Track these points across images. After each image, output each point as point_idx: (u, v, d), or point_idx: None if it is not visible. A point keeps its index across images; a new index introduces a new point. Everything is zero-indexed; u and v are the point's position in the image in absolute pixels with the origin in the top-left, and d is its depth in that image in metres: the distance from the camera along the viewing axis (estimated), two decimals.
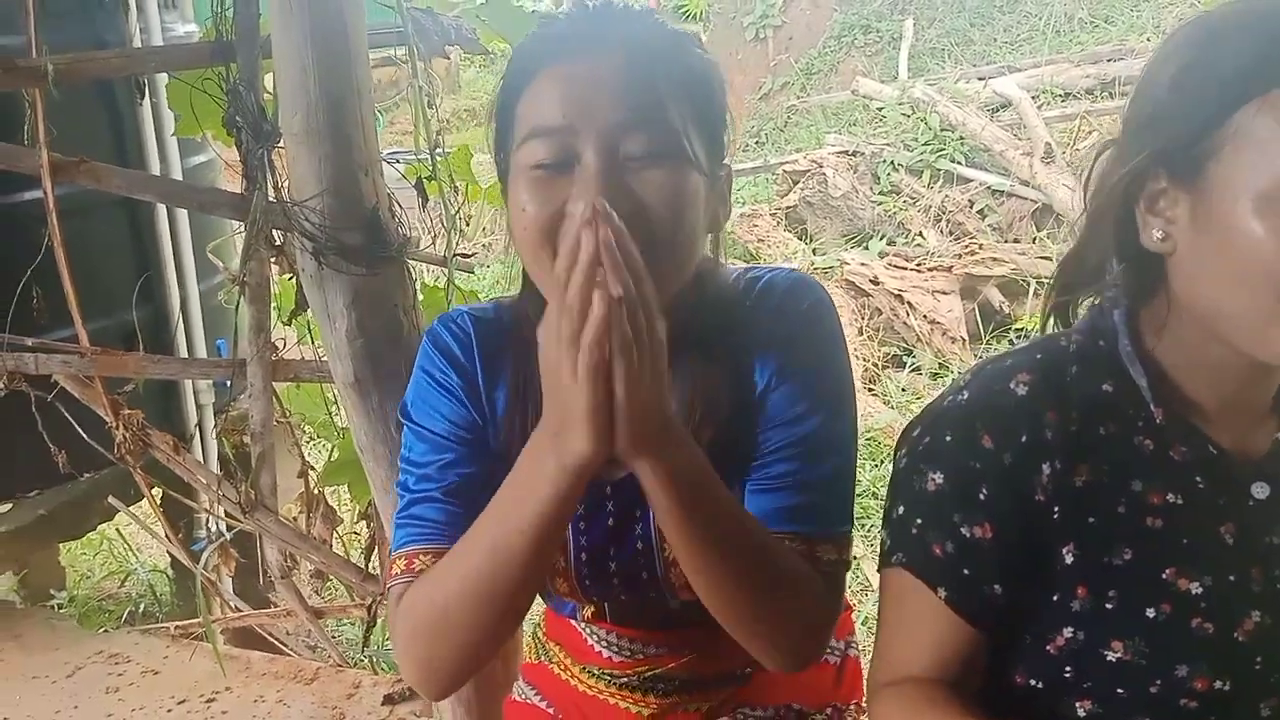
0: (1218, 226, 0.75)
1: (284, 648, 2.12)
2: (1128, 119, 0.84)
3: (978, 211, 5.23)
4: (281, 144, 1.41)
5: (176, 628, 2.12)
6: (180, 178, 2.33)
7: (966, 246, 4.78)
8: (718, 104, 0.89)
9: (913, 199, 5.36)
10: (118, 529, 2.90)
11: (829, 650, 1.16)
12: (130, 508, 2.18)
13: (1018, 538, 0.83)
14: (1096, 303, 0.90)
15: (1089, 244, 0.87)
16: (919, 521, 0.86)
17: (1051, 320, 0.93)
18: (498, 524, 0.81)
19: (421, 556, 0.91)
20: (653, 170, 0.82)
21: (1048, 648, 0.84)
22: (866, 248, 5.13)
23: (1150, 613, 0.81)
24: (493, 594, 0.82)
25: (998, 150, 5.28)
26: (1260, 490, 0.83)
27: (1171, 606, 0.81)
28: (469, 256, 1.72)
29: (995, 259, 4.60)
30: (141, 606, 2.85)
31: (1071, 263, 0.90)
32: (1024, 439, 0.82)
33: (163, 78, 2.00)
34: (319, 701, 1.85)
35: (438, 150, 1.64)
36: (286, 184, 1.42)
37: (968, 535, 0.83)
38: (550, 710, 1.15)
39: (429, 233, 1.70)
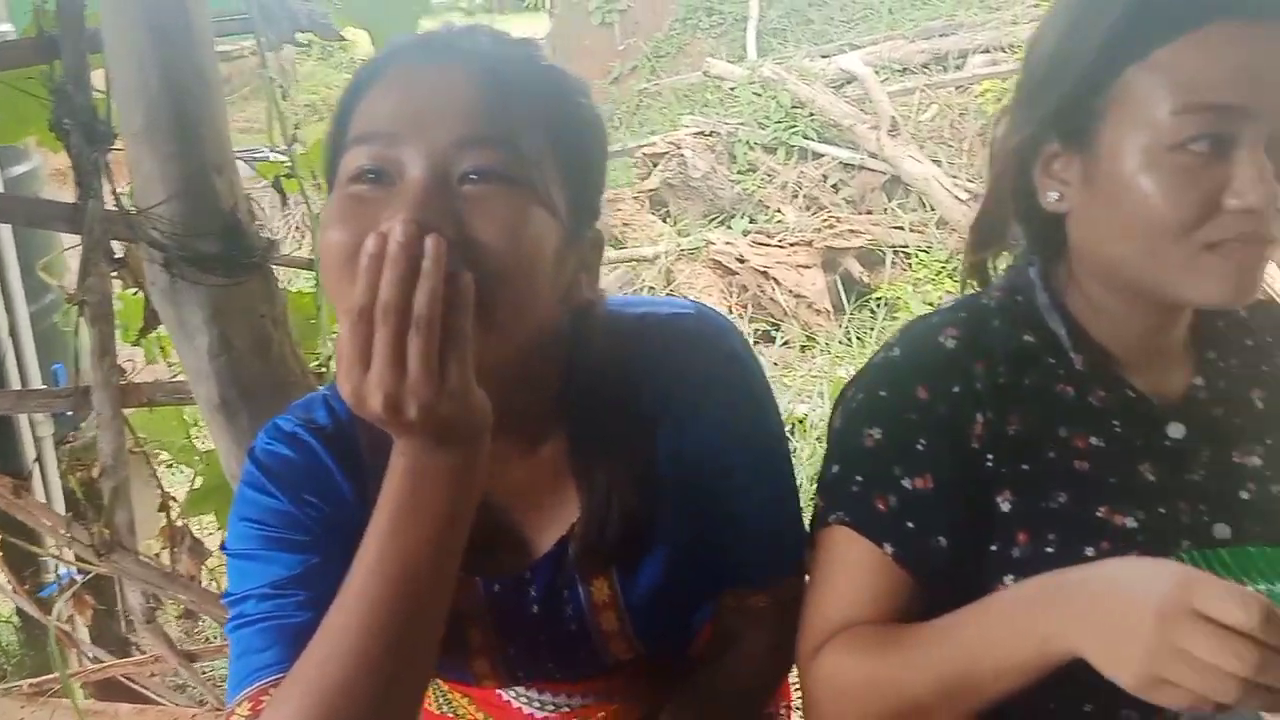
0: (1110, 185, 0.78)
1: (154, 696, 1.95)
2: (1020, 85, 0.87)
3: (832, 185, 5.37)
4: (119, 146, 1.27)
5: (31, 685, 1.92)
6: (1, 189, 2.11)
7: (825, 220, 4.90)
8: (592, 159, 0.81)
9: (770, 176, 5.45)
10: None
11: None
12: None
13: (958, 487, 0.84)
14: (1012, 263, 0.94)
15: (992, 208, 0.91)
16: (859, 479, 0.86)
17: (972, 282, 0.97)
18: (373, 574, 0.70)
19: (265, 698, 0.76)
20: (488, 193, 0.71)
21: None
22: (729, 227, 5.18)
23: (1090, 551, 0.83)
24: (393, 661, 0.70)
25: (846, 125, 5.43)
26: (1176, 430, 0.87)
27: (1110, 543, 0.83)
28: None
29: (852, 231, 4.74)
30: None
31: (978, 226, 0.93)
32: (956, 390, 0.84)
33: None
34: None
35: (295, 145, 1.52)
36: (127, 190, 1.29)
37: (909, 487, 0.84)
38: None
39: (291, 235, 1.59)
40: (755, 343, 4.33)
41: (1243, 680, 0.60)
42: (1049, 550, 0.84)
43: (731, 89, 6.17)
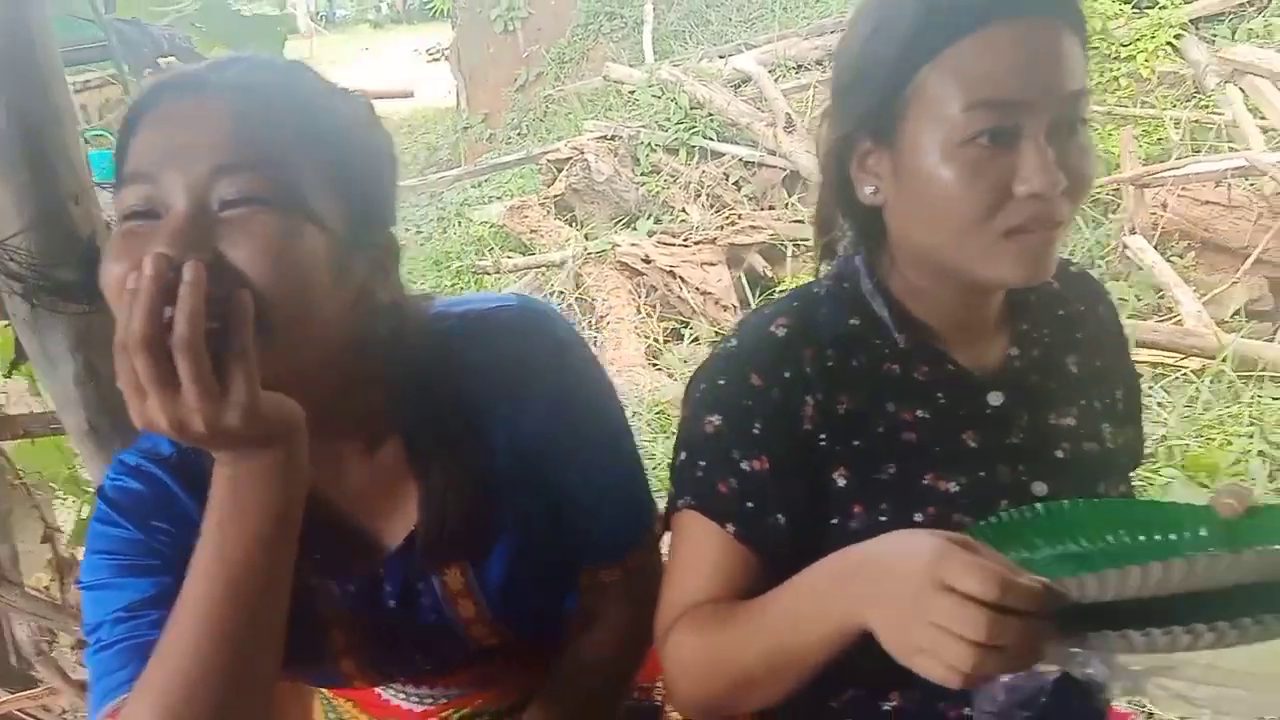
0: (913, 180, 0.84)
1: None
2: (833, 86, 0.92)
3: (733, 183, 5.45)
4: None
5: None
6: None
7: (727, 218, 4.98)
8: (369, 169, 0.82)
9: (673, 177, 5.51)
10: None
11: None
12: None
13: (793, 467, 0.89)
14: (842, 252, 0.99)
15: (821, 202, 0.97)
16: (702, 464, 0.90)
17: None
18: (206, 578, 0.73)
19: None
20: (244, 216, 0.72)
21: None
22: (635, 228, 5.23)
23: (918, 516, 0.88)
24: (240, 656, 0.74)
25: (744, 124, 5.51)
26: (995, 399, 0.93)
27: (936, 508, 0.89)
28: None
29: (754, 227, 4.82)
30: None
31: (816, 218, 0.99)
32: (787, 375, 0.89)
33: None
34: None
35: None
36: None
37: (747, 469, 0.88)
38: None
39: None
40: (665, 340, 4.39)
41: (977, 646, 0.65)
42: (883, 519, 0.89)
43: (632, 93, 6.23)
